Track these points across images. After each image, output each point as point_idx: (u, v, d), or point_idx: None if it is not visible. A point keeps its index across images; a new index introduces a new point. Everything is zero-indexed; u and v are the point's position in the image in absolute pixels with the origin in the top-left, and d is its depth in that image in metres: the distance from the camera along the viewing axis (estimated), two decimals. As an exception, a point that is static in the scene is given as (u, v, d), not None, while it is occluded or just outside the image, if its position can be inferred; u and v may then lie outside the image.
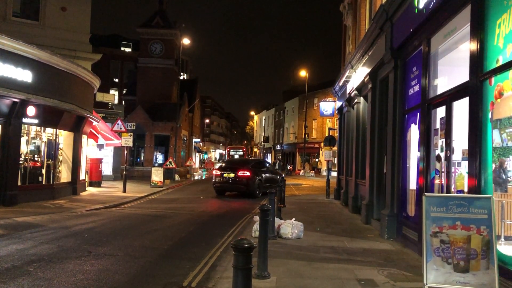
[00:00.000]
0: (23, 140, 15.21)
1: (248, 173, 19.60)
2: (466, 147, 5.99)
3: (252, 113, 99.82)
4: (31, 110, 14.20)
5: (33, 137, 16.38)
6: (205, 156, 71.24)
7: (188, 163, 40.11)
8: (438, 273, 4.74)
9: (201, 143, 65.39)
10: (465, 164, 6.24)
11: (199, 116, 58.30)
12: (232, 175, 19.91)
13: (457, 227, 4.71)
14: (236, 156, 57.24)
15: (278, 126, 72.82)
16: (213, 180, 21.12)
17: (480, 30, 5.61)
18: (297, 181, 35.75)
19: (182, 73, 57.08)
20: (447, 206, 4.78)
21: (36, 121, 14.74)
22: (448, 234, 4.74)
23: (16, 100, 13.65)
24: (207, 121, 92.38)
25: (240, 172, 19.76)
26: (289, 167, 53.85)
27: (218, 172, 20.65)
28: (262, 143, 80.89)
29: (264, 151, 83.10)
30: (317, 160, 54.52)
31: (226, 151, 66.88)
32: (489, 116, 5.40)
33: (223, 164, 23.27)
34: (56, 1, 19.02)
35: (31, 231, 9.79)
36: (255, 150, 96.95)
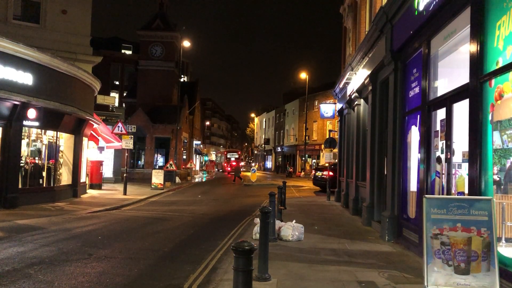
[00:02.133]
0: (24, 142, 15.24)
1: (331, 173, 23.43)
2: (466, 149, 5.99)
3: (253, 115, 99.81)
4: (31, 113, 14.21)
5: (34, 139, 16.41)
6: (206, 158, 71.34)
7: (188, 165, 40.13)
8: (439, 275, 4.73)
9: (201, 145, 65.48)
10: (465, 165, 6.24)
11: (199, 118, 58.38)
12: (320, 174, 26.26)
13: (458, 229, 4.70)
14: (232, 159, 64.07)
15: (279, 128, 72.80)
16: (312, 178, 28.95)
17: (480, 32, 5.62)
18: (297, 183, 35.73)
19: (182, 76, 57.14)
20: (448, 208, 4.78)
21: (36, 123, 14.76)
22: (448, 236, 4.73)
23: (16, 102, 13.67)
24: (207, 123, 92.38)
25: (325, 172, 25.16)
26: (289, 169, 53.90)
27: (314, 172, 29.00)
28: (263, 145, 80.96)
29: (265, 153, 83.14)
30: (309, 161, 54.61)
31: (224, 154, 74.27)
32: (490, 117, 5.40)
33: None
34: (57, 4, 19.06)
35: (32, 234, 9.79)
36: (256, 152, 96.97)
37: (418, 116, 8.25)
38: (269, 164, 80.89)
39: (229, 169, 58.76)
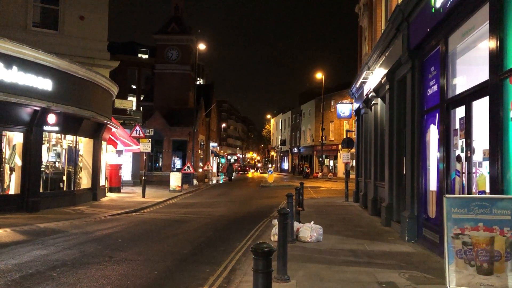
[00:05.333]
0: (44, 147, 15.51)
1: None
2: (487, 147, 5.90)
3: (269, 116, 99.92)
4: (51, 118, 14.46)
5: (54, 144, 16.68)
6: (223, 160, 71.84)
7: (206, 168, 40.31)
8: (461, 276, 4.66)
9: (218, 147, 65.82)
10: (486, 164, 6.14)
11: (215, 120, 58.60)
12: None
13: (480, 228, 4.63)
14: (232, 160, 73.77)
15: (295, 129, 72.67)
16: None
17: (499, 28, 5.53)
18: (315, 184, 35.60)
19: (198, 78, 57.41)
20: (469, 207, 4.71)
21: (56, 128, 15.01)
22: (470, 235, 4.66)
23: (37, 108, 13.94)
24: (223, 125, 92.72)
25: None
26: (306, 170, 53.79)
27: None
28: (279, 146, 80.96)
29: (281, 154, 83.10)
30: (314, 163, 54.54)
31: (225, 156, 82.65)
32: (510, 115, 5.30)
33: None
34: (74, 11, 19.35)
35: (54, 237, 9.97)
36: (272, 153, 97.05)
37: (437, 114, 8.15)
38: (285, 165, 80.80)
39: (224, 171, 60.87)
